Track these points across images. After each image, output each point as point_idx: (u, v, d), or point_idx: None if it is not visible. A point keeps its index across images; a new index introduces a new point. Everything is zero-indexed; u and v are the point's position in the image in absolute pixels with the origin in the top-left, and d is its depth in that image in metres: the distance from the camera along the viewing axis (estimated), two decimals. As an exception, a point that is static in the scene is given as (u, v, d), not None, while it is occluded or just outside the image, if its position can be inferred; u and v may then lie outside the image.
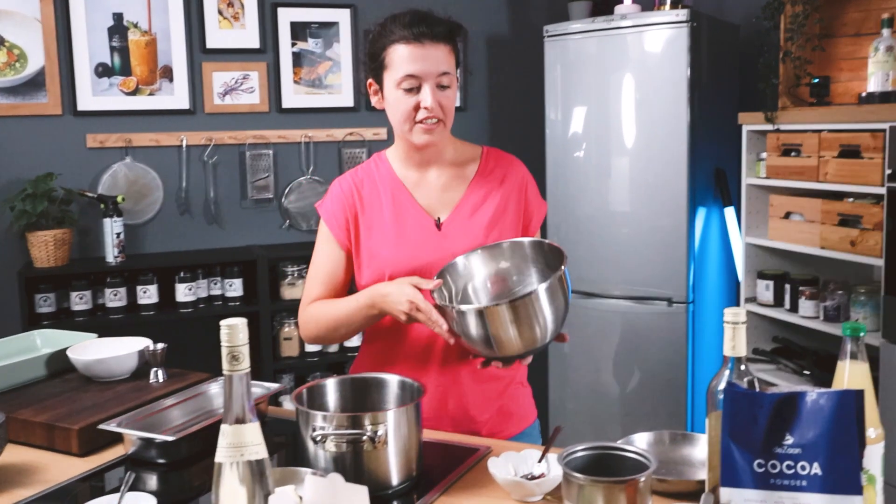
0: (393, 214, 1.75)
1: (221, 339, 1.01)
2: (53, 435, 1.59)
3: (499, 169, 1.81)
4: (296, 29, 3.68)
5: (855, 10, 3.03)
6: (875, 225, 2.62)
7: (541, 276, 1.68)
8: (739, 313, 1.19)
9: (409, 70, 1.64)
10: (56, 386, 1.81)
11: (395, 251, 1.72)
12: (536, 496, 1.33)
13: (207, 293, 3.45)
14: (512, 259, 1.71)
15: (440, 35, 1.66)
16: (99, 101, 3.41)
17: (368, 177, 1.80)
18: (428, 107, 1.65)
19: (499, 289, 1.71)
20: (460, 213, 1.76)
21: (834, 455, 0.98)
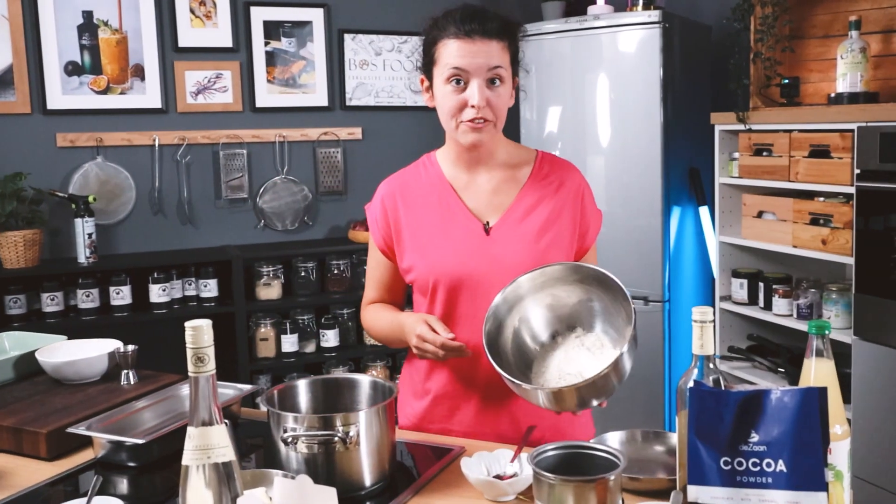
0: (440, 218, 1.69)
1: (186, 340, 1.00)
2: (21, 439, 1.57)
3: (554, 175, 1.73)
4: (269, 28, 3.67)
5: (823, 12, 3.07)
6: (845, 224, 2.65)
7: (600, 310, 1.54)
8: (707, 312, 1.20)
9: (456, 63, 1.59)
10: (24, 389, 1.79)
11: (442, 257, 1.66)
12: (509, 496, 1.33)
13: (182, 294, 3.43)
14: (568, 285, 1.55)
15: (492, 31, 1.59)
16: (69, 100, 3.38)
17: (415, 178, 1.75)
18: (475, 104, 1.58)
19: (555, 321, 1.57)
20: (510, 218, 1.68)
21: (798, 452, 0.99)
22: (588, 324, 1.56)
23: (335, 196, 3.86)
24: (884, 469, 2.49)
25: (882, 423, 2.49)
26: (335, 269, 3.62)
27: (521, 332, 1.56)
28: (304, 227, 3.81)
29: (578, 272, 1.54)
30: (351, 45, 3.82)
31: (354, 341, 3.72)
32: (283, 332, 3.53)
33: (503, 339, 1.54)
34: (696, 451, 1.01)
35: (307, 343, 3.60)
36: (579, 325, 1.56)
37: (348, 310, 3.69)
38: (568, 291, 1.56)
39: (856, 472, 2.55)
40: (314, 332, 3.61)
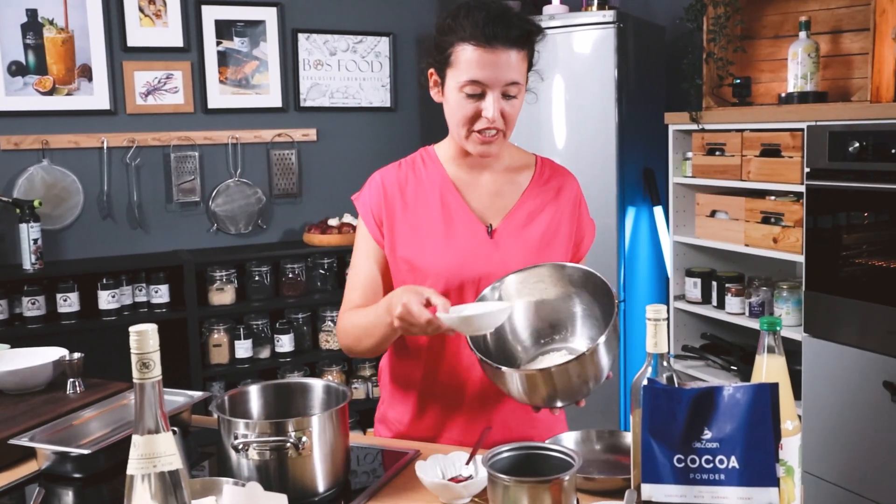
0: (442, 218, 1.64)
1: (131, 346, 0.98)
2: (-38, 450, 1.53)
3: (554, 180, 1.72)
4: (220, 27, 3.63)
5: (774, 13, 3.12)
6: (795, 222, 2.69)
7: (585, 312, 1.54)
8: (660, 310, 1.20)
9: (474, 75, 1.52)
10: (-34, 399, 1.75)
11: (444, 258, 1.61)
12: (464, 498, 1.33)
13: (132, 300, 3.37)
14: (553, 286, 1.55)
15: (515, 39, 1.52)
16: (13, 101, 3.31)
17: (415, 173, 1.69)
18: (490, 117, 1.54)
19: (538, 322, 1.57)
20: (513, 221, 1.65)
21: (750, 448, 1.00)
22: (571, 326, 1.56)
23: (290, 199, 3.83)
24: (833, 464, 2.54)
25: (831, 419, 2.54)
26: (290, 273, 3.59)
27: (505, 329, 1.54)
28: (258, 231, 3.77)
29: (563, 272, 1.54)
30: (305, 45, 3.80)
31: (310, 346, 3.69)
32: (236, 338, 3.49)
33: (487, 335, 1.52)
34: (649, 449, 1.02)
35: (261, 349, 3.56)
36: (562, 327, 1.56)
37: (303, 314, 3.65)
38: (554, 292, 1.56)
39: (806, 468, 2.60)
40: (269, 338, 3.58)
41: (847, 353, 2.48)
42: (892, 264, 2.39)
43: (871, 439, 2.43)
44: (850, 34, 2.90)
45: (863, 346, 2.44)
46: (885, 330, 2.37)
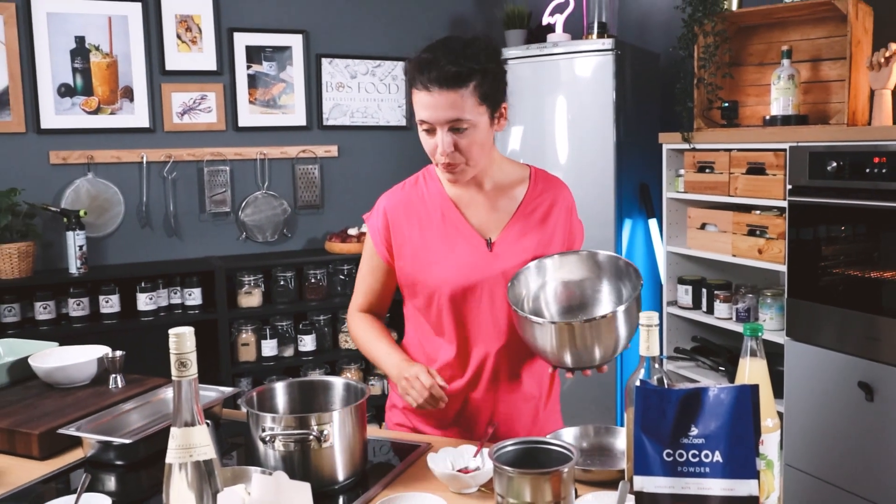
0: (444, 234, 1.66)
1: (170, 346, 1.00)
2: (15, 439, 1.55)
3: (547, 192, 1.72)
4: (251, 52, 3.66)
5: (759, 42, 3.13)
6: (779, 235, 2.70)
7: (613, 290, 1.63)
8: (653, 317, 1.22)
9: (421, 116, 1.56)
10: (18, 393, 1.77)
11: (448, 271, 1.63)
12: (471, 488, 1.34)
13: (168, 302, 3.40)
14: (585, 268, 1.65)
15: (449, 80, 1.50)
16: (62, 120, 3.34)
17: (417, 194, 1.71)
18: (441, 151, 1.55)
19: (569, 298, 1.65)
20: (510, 233, 1.66)
21: (733, 444, 1.01)
22: (597, 304, 1.64)
23: (312, 210, 3.86)
24: (813, 457, 2.54)
25: (811, 416, 2.54)
26: (312, 279, 3.61)
27: (539, 299, 1.63)
28: (284, 239, 3.80)
29: (594, 258, 1.65)
30: (328, 69, 3.83)
31: (330, 346, 3.70)
32: (263, 338, 3.51)
33: (522, 301, 1.61)
34: (641, 445, 1.03)
35: (286, 347, 3.58)
36: (590, 304, 1.64)
37: (324, 316, 3.67)
38: (583, 274, 1.65)
39: (788, 461, 2.60)
40: (292, 338, 3.60)
41: (825, 356, 2.48)
42: (867, 274, 2.39)
43: (847, 435, 2.43)
44: (829, 62, 2.91)
45: (840, 349, 2.44)
46: (861, 334, 2.37)
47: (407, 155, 3.98)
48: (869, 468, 2.37)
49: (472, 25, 4.12)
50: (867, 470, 2.38)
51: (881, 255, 2.36)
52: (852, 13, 2.61)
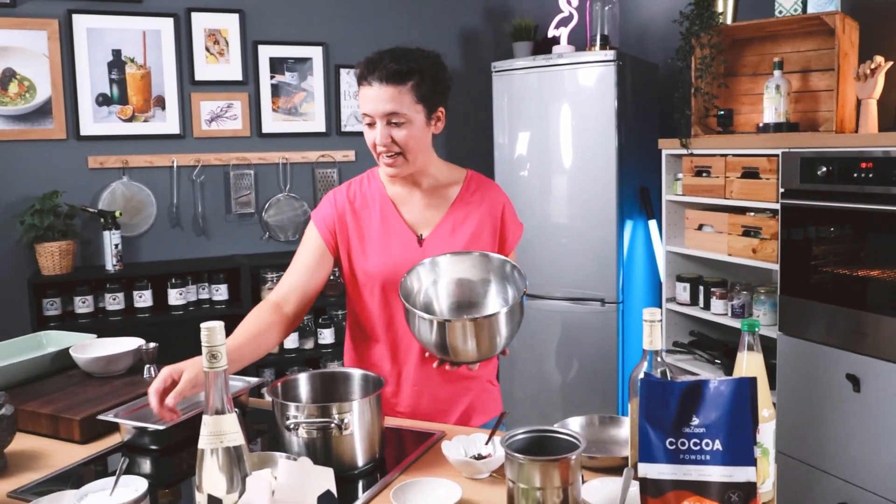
0: (381, 229, 1.70)
1: (202, 339, 1.00)
2: (58, 425, 1.56)
3: (479, 193, 1.74)
4: (274, 64, 3.67)
5: (752, 54, 3.11)
6: (772, 235, 2.68)
7: (500, 292, 1.61)
8: (655, 313, 1.21)
9: (362, 109, 1.62)
10: (60, 381, 1.78)
11: (380, 263, 1.67)
12: (483, 474, 1.34)
13: (196, 297, 3.41)
14: (476, 269, 1.63)
15: (388, 77, 1.57)
16: (99, 127, 3.36)
17: (361, 192, 1.75)
18: (378, 142, 1.60)
19: (459, 295, 1.63)
20: (441, 231, 1.69)
21: (732, 433, 1.00)
22: (485, 304, 1.62)
23: (332, 211, 3.85)
24: (803, 445, 2.52)
25: (802, 407, 2.52)
26: (331, 276, 3.61)
27: (430, 294, 1.61)
28: (305, 238, 3.79)
29: (488, 260, 1.62)
30: (346, 79, 3.83)
31: (349, 338, 3.70)
32: (286, 330, 3.51)
33: (414, 295, 1.58)
34: (645, 434, 1.02)
35: (306, 340, 3.59)
36: (478, 304, 1.62)
37: (342, 311, 3.67)
38: (476, 275, 1.62)
39: (780, 448, 2.58)
40: (312, 331, 3.60)
41: (815, 349, 2.46)
42: (855, 272, 2.37)
43: (835, 424, 2.41)
44: (818, 73, 2.89)
45: (829, 343, 2.42)
46: (849, 329, 2.35)
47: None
48: (856, 455, 2.36)
49: (481, 37, 4.11)
50: (854, 456, 2.36)
51: (867, 255, 2.35)
52: (839, 28, 2.59)
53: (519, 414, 3.52)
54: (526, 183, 3.51)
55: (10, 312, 3.25)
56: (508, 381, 3.65)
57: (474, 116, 4.06)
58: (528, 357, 3.56)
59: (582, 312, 3.38)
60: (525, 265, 3.44)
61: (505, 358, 3.63)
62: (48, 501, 1.22)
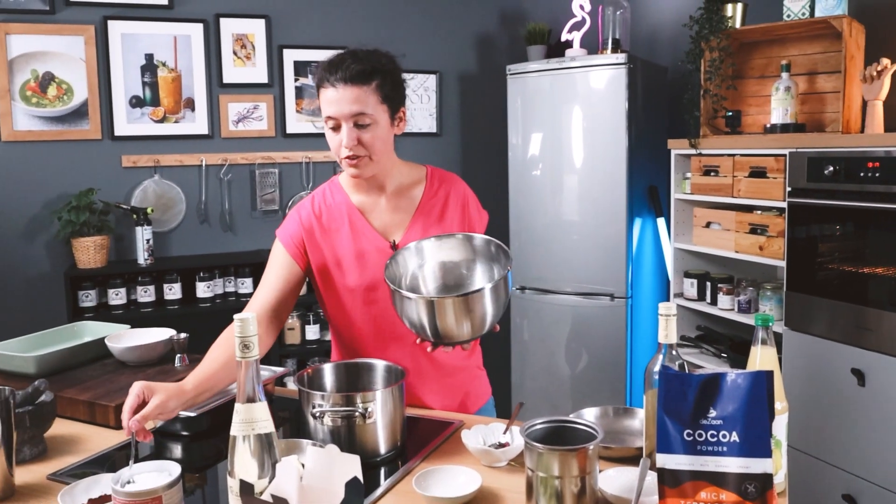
0: (352, 239, 1.61)
1: (235, 330, 0.99)
2: (94, 411, 1.56)
3: (442, 189, 1.67)
4: (298, 67, 3.66)
5: (760, 57, 3.07)
6: (778, 233, 2.64)
7: (486, 271, 1.55)
8: (671, 307, 1.19)
9: (327, 112, 1.51)
10: (96, 370, 1.78)
11: (357, 275, 1.59)
12: (502, 462, 1.32)
13: (223, 290, 3.41)
14: (461, 251, 1.57)
15: (353, 77, 1.48)
16: (132, 128, 3.36)
17: (325, 204, 1.66)
18: (345, 144, 1.51)
19: (445, 278, 1.57)
20: (412, 233, 1.62)
21: (748, 425, 0.98)
22: (472, 283, 1.56)
23: (353, 208, 3.84)
24: (808, 438, 2.49)
25: (807, 401, 2.49)
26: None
27: (417, 278, 1.56)
28: (327, 234, 3.79)
29: (471, 241, 1.56)
30: (366, 83, 3.80)
31: (369, 329, 3.69)
32: (307, 323, 3.51)
33: (400, 280, 1.53)
34: (663, 425, 1.00)
35: (327, 332, 3.57)
36: (464, 284, 1.56)
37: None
38: (460, 256, 1.57)
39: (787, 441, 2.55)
40: (335, 322, 3.59)
41: (821, 344, 2.43)
42: (860, 269, 2.33)
43: (840, 417, 2.38)
44: (824, 76, 2.84)
45: (834, 338, 2.38)
46: (853, 324, 2.31)
47: (438, 160, 3.96)
48: (861, 448, 2.32)
49: (497, 41, 4.08)
50: (859, 449, 2.33)
51: (872, 252, 2.31)
52: (846, 31, 2.55)
53: (530, 405, 3.50)
54: (538, 182, 3.48)
55: (49, 304, 3.26)
56: (520, 373, 3.63)
57: (489, 117, 4.04)
58: (540, 349, 3.54)
59: (592, 307, 3.35)
60: (537, 260, 3.45)
61: (517, 351, 3.62)
62: (85, 484, 1.22)
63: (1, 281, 3.17)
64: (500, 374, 3.56)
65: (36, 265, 3.26)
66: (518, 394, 3.63)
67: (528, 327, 3.57)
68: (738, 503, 0.97)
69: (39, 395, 1.44)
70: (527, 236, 3.53)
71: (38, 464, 1.38)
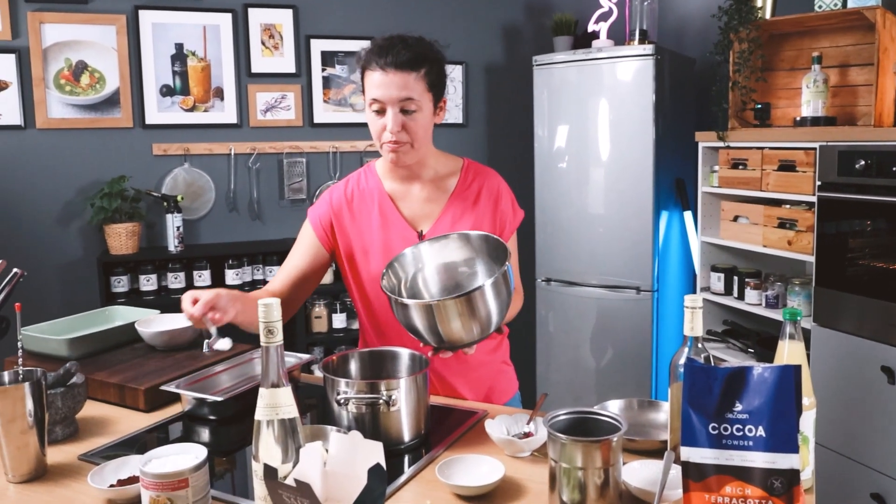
0: (380, 225, 1.61)
1: (259, 315, 0.99)
2: (124, 394, 1.58)
3: (476, 182, 1.65)
4: (325, 57, 3.66)
5: (790, 49, 3.01)
6: (807, 227, 2.60)
7: (487, 269, 1.52)
8: (697, 300, 1.17)
9: (374, 94, 1.51)
10: (126, 353, 1.80)
11: (381, 264, 1.58)
12: (525, 452, 1.31)
13: (251, 277, 3.44)
14: (459, 251, 1.54)
15: (405, 63, 1.49)
16: (163, 117, 3.40)
17: (359, 189, 1.66)
18: (390, 129, 1.51)
19: (446, 280, 1.55)
20: (441, 224, 1.61)
21: (775, 420, 0.96)
22: (474, 283, 1.53)
23: (378, 198, 3.85)
24: (837, 436, 2.44)
25: (836, 398, 2.44)
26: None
27: (418, 284, 1.54)
28: (353, 224, 3.79)
29: (468, 240, 1.53)
30: (393, 73, 3.80)
31: (393, 319, 3.70)
32: (333, 311, 3.53)
33: (399, 287, 1.51)
34: (688, 418, 0.99)
35: (353, 321, 3.60)
36: (467, 284, 1.54)
37: (388, 293, 3.67)
38: (460, 256, 1.54)
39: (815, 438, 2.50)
40: (360, 311, 3.61)
41: (850, 341, 2.38)
42: (891, 266, 2.28)
43: (870, 415, 2.33)
44: (856, 68, 2.78)
45: (863, 334, 2.34)
46: (883, 321, 2.27)
47: (465, 150, 3.95)
48: (890, 446, 2.28)
49: (523, 32, 4.05)
50: (889, 448, 2.28)
51: (906, 248, 2.25)
52: (880, 22, 2.49)
53: (554, 397, 3.49)
54: (564, 174, 3.46)
55: (82, 288, 3.32)
56: (545, 364, 3.62)
57: (515, 109, 4.01)
58: (565, 342, 3.52)
59: (617, 300, 3.33)
60: (562, 253, 3.43)
61: (542, 343, 3.60)
62: (114, 465, 1.23)
63: (36, 266, 3.22)
64: (526, 366, 3.54)
65: (70, 251, 3.31)
66: (543, 386, 3.61)
67: (553, 319, 3.55)
68: (764, 498, 0.95)
69: (71, 377, 1.46)
70: (552, 228, 3.51)
71: (70, 444, 1.41)
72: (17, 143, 3.21)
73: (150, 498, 1.08)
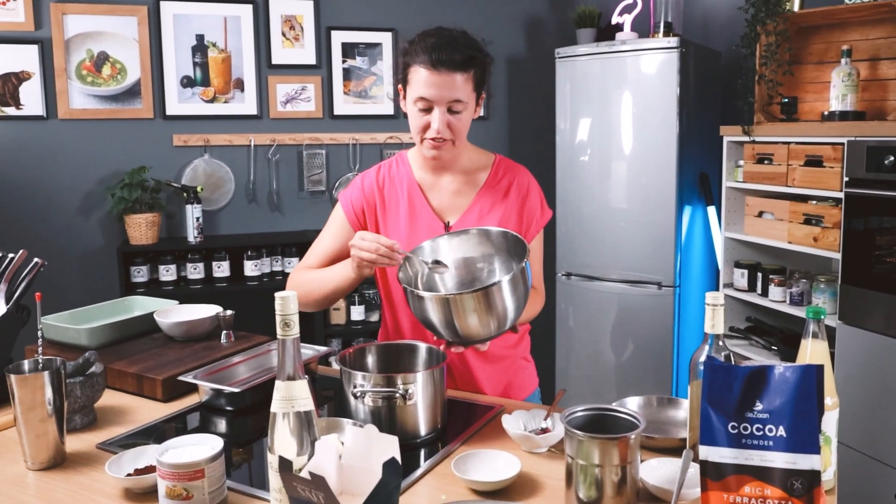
0: (408, 214, 1.62)
1: (276, 308, 1.00)
2: (142, 383, 1.60)
3: (506, 178, 1.66)
4: (346, 48, 3.67)
5: (819, 42, 2.96)
6: (834, 224, 2.56)
7: (505, 266, 1.51)
8: (719, 297, 1.16)
9: (422, 93, 1.50)
10: (145, 343, 1.82)
11: (405, 250, 1.55)
12: (542, 448, 1.31)
13: (270, 269, 3.46)
14: (478, 246, 1.54)
15: (457, 64, 1.48)
16: (183, 108, 3.42)
17: (390, 176, 1.67)
18: (437, 129, 1.52)
19: (464, 274, 1.54)
20: (468, 217, 1.61)
21: (796, 420, 0.95)
22: (492, 279, 1.52)
23: (398, 191, 3.85)
24: (862, 436, 2.41)
25: (861, 397, 2.41)
26: (396, 252, 3.61)
27: (434, 277, 1.54)
28: (372, 216, 3.80)
29: (488, 236, 1.53)
30: (414, 65, 3.79)
31: (411, 312, 3.71)
32: (352, 304, 3.54)
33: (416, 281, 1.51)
34: (707, 417, 0.98)
35: (372, 313, 3.61)
36: (484, 279, 1.53)
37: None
38: (478, 251, 1.54)
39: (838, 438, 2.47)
40: (378, 304, 3.62)
41: (876, 340, 2.35)
42: (922, 264, 2.24)
43: (894, 415, 2.30)
44: (887, 62, 2.73)
45: (890, 333, 2.30)
46: (913, 321, 2.23)
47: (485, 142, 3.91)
48: (915, 447, 2.24)
49: (546, 24, 4.02)
50: (913, 448, 2.25)
51: (936, 246, 2.21)
52: (915, 13, 2.44)
53: (574, 392, 3.48)
54: (586, 168, 3.44)
55: (102, 278, 3.36)
56: (565, 359, 3.60)
57: (537, 102, 3.99)
58: (585, 337, 3.50)
59: (639, 295, 3.30)
60: (583, 247, 3.41)
61: (562, 338, 3.59)
62: (132, 454, 1.25)
63: (56, 255, 3.27)
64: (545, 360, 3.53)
65: (90, 241, 3.36)
66: (562, 381, 3.60)
67: (573, 314, 3.53)
68: (784, 499, 0.94)
69: (90, 367, 1.48)
70: (574, 222, 3.49)
71: (88, 432, 1.43)
72: (40, 134, 3.25)
73: (167, 488, 1.09)
